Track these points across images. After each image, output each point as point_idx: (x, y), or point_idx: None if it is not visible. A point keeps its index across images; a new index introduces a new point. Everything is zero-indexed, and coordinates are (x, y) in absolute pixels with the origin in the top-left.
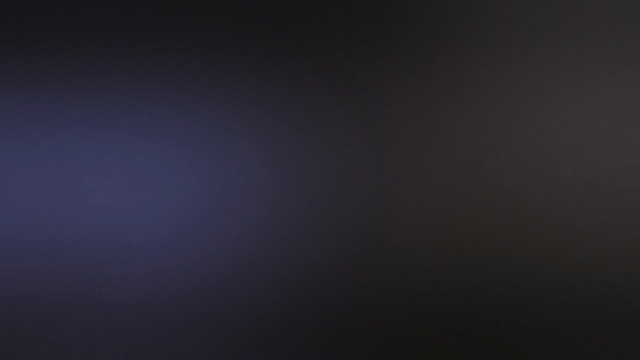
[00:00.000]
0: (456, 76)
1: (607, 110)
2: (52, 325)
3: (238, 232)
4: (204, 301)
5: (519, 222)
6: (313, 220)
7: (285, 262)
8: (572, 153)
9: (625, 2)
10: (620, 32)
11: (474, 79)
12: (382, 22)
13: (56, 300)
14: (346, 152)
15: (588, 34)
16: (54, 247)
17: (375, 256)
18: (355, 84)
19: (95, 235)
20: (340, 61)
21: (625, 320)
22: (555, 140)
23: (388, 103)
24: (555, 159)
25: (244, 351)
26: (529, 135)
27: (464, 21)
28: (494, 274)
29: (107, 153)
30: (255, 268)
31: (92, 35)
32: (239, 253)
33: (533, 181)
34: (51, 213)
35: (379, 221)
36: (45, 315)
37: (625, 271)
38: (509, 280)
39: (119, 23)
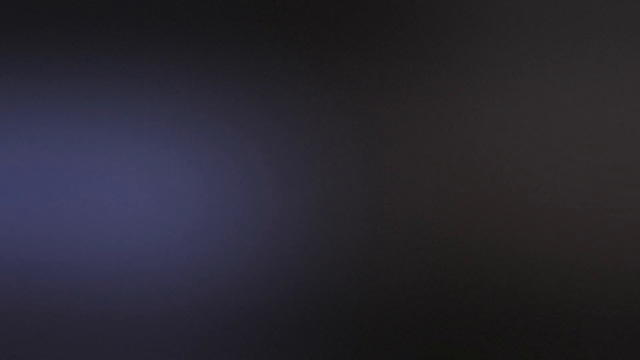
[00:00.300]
0: (456, 76)
1: (608, 110)
2: (52, 326)
3: (237, 232)
4: (202, 301)
5: (519, 222)
6: (312, 220)
7: (284, 263)
8: (572, 153)
9: (625, 2)
10: (620, 32)
11: (474, 79)
12: (382, 22)
13: (55, 301)
14: (346, 152)
15: (588, 33)
16: (54, 247)
17: (375, 256)
18: (355, 84)
19: (95, 236)
20: (340, 61)
21: (625, 320)
22: (555, 140)
23: (388, 103)
24: (555, 159)
25: (244, 351)
26: (529, 135)
27: (463, 21)
28: (494, 273)
29: (107, 153)
30: (254, 268)
31: (92, 35)
32: (238, 253)
33: (533, 181)
34: (50, 213)
35: (379, 221)
36: (45, 316)
37: (626, 271)
38: (509, 279)
39: (118, 23)
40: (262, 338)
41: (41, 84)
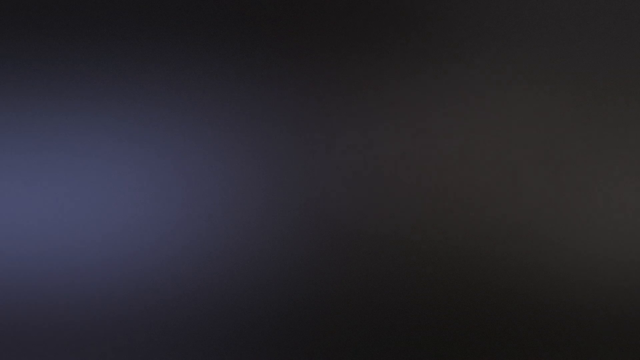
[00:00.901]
0: (456, 76)
1: (607, 110)
2: (51, 327)
3: (236, 232)
4: (199, 301)
5: (519, 221)
6: (312, 221)
7: (281, 263)
8: (572, 153)
9: (625, 2)
10: (621, 32)
11: (473, 79)
12: (382, 22)
13: (54, 301)
14: (346, 151)
15: (587, 33)
16: (54, 247)
17: (374, 256)
18: (354, 84)
19: (95, 236)
20: (339, 61)
21: (626, 320)
22: (554, 140)
23: (387, 103)
24: (555, 159)
25: (243, 351)
26: (529, 135)
27: (463, 21)
28: (492, 273)
29: (106, 153)
30: (252, 268)
31: (92, 35)
32: (236, 253)
33: (532, 181)
34: (50, 213)
35: (378, 220)
36: (44, 317)
37: (626, 271)
38: (507, 279)
39: (118, 23)
40: (260, 338)
41: (40, 84)
